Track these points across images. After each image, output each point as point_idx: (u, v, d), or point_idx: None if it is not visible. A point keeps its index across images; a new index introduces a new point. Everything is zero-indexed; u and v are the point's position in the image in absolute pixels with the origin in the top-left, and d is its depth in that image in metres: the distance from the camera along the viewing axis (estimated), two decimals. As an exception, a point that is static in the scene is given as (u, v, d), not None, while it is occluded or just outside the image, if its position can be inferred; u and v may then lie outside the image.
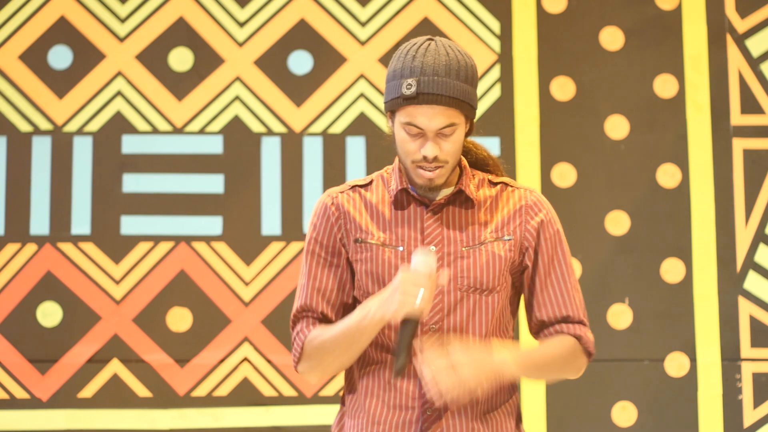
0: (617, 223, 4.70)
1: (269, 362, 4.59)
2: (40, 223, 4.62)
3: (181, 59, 4.72)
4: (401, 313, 2.50)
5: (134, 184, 4.66)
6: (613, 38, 4.78)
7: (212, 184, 4.68)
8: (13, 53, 4.69)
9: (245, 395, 4.58)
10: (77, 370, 4.57)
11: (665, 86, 4.75)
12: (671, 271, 4.68)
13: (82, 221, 4.63)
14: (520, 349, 2.59)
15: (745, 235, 4.69)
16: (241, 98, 4.70)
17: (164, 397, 4.58)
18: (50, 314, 4.59)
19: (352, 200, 2.70)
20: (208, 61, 4.72)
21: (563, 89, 4.75)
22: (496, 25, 4.77)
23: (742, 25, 4.78)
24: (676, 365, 4.64)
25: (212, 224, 4.65)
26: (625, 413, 4.63)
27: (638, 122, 4.73)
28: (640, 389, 4.63)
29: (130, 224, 4.64)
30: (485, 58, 4.75)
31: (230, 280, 4.61)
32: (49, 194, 4.64)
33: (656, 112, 4.74)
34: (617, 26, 4.78)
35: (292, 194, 4.65)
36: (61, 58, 4.70)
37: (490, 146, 4.71)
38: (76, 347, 4.57)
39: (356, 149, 4.68)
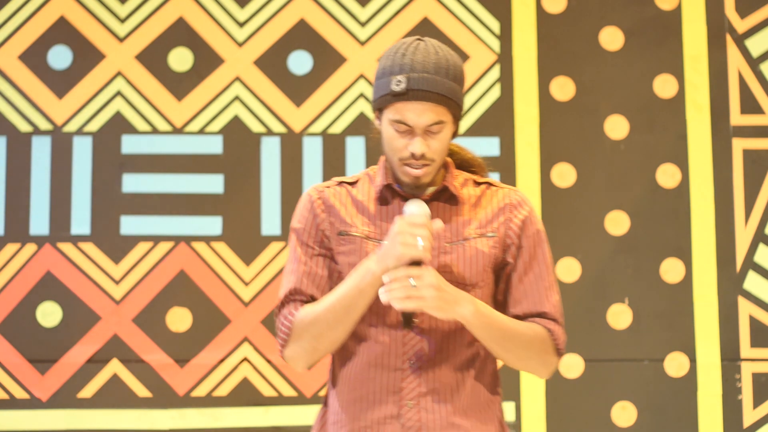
0: (617, 223, 4.70)
1: (269, 362, 4.59)
2: (39, 223, 4.62)
3: (180, 59, 4.72)
4: (405, 258, 2.51)
5: (134, 184, 4.66)
6: (612, 38, 4.78)
7: (212, 184, 4.68)
8: (12, 53, 4.69)
9: (245, 395, 4.58)
10: (77, 370, 4.57)
11: (665, 86, 4.75)
12: (671, 271, 4.68)
13: (81, 221, 4.63)
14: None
15: (744, 235, 4.69)
16: (240, 98, 4.70)
17: (164, 397, 4.58)
18: (50, 314, 4.59)
19: (338, 195, 2.72)
20: (207, 61, 4.72)
21: (563, 89, 4.75)
22: (495, 25, 4.77)
23: (741, 25, 4.78)
24: (675, 365, 4.64)
25: (212, 224, 4.65)
26: (624, 413, 4.63)
27: (638, 122, 4.73)
28: (639, 389, 4.63)
29: (129, 224, 4.64)
30: (485, 58, 4.75)
31: (230, 280, 4.61)
32: (48, 194, 4.64)
33: (656, 112, 4.74)
34: (617, 26, 4.78)
35: (291, 194, 4.65)
36: (60, 58, 4.70)
37: (489, 146, 4.71)
38: (75, 347, 4.57)
39: (356, 149, 4.68)
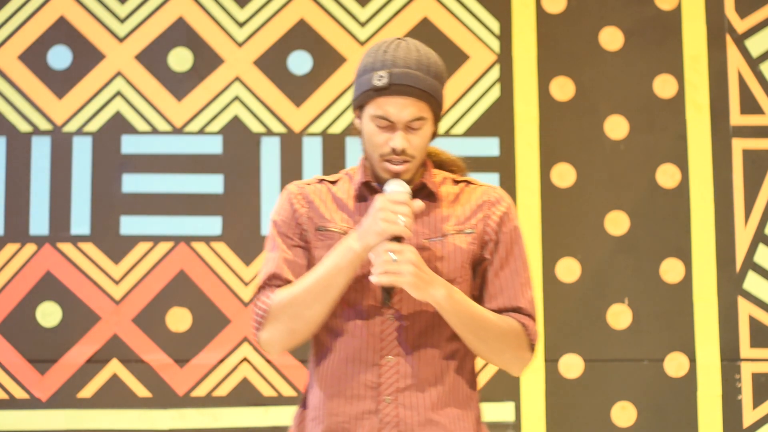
0: (617, 223, 4.70)
1: (269, 362, 4.59)
2: (39, 223, 4.62)
3: (180, 59, 4.72)
4: (386, 234, 2.52)
5: (134, 184, 4.66)
6: (612, 38, 4.78)
7: (212, 184, 4.68)
8: (12, 53, 4.69)
9: (245, 395, 4.58)
10: (77, 370, 4.57)
11: (665, 86, 4.76)
12: (671, 271, 4.68)
13: (81, 221, 4.63)
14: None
15: (744, 235, 4.69)
16: (240, 98, 4.71)
17: (164, 397, 4.58)
18: (50, 314, 4.59)
19: (318, 191, 2.72)
20: (207, 61, 4.72)
21: (563, 89, 4.75)
22: (495, 25, 4.77)
23: (741, 25, 4.78)
24: (675, 365, 4.64)
25: (212, 224, 4.65)
26: (624, 413, 4.63)
27: (638, 122, 4.74)
28: (639, 389, 4.63)
29: (129, 224, 4.64)
30: (485, 58, 4.75)
31: (230, 280, 4.61)
32: (48, 194, 4.64)
33: (656, 112, 4.74)
34: (617, 26, 4.78)
35: (291, 194, 4.64)
36: (60, 58, 4.70)
37: (489, 146, 4.72)
38: (75, 347, 4.57)
39: (355, 149, 4.68)
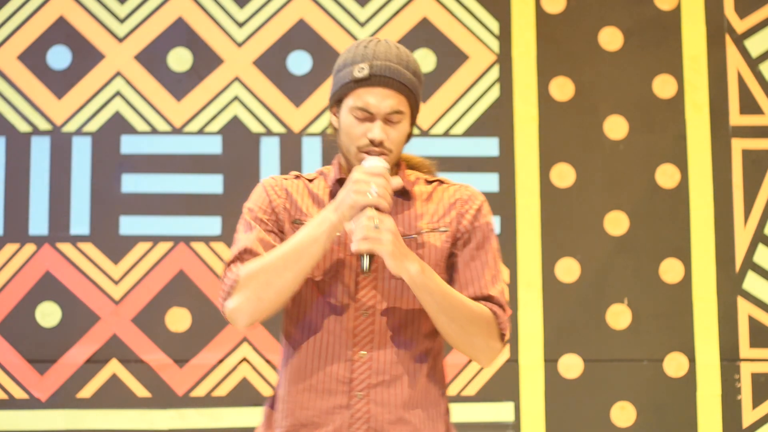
0: (616, 223, 4.70)
1: (268, 362, 4.59)
2: (39, 223, 4.62)
3: (180, 59, 4.72)
4: (359, 205, 2.53)
5: (133, 184, 4.66)
6: (612, 38, 4.78)
7: (211, 184, 4.68)
8: (12, 53, 4.69)
9: (244, 395, 4.57)
10: (76, 370, 4.57)
11: (664, 86, 4.76)
12: (670, 271, 4.68)
13: (81, 221, 4.63)
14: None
15: (744, 235, 4.69)
16: (240, 98, 4.71)
17: (163, 397, 4.58)
18: (49, 314, 4.59)
19: (295, 186, 2.73)
20: (207, 61, 4.72)
21: (562, 89, 4.75)
22: (495, 25, 4.77)
23: (741, 25, 4.78)
24: (675, 365, 4.64)
25: (211, 224, 4.65)
26: (624, 413, 4.63)
27: (637, 122, 4.74)
28: (639, 389, 4.63)
29: (129, 224, 4.64)
30: (484, 58, 4.75)
31: (229, 280, 4.61)
32: (48, 194, 4.64)
33: (655, 112, 4.74)
34: (616, 26, 4.78)
35: (291, 194, 4.65)
36: (60, 58, 4.70)
37: (489, 146, 4.72)
38: (75, 347, 4.57)
39: (355, 149, 4.68)
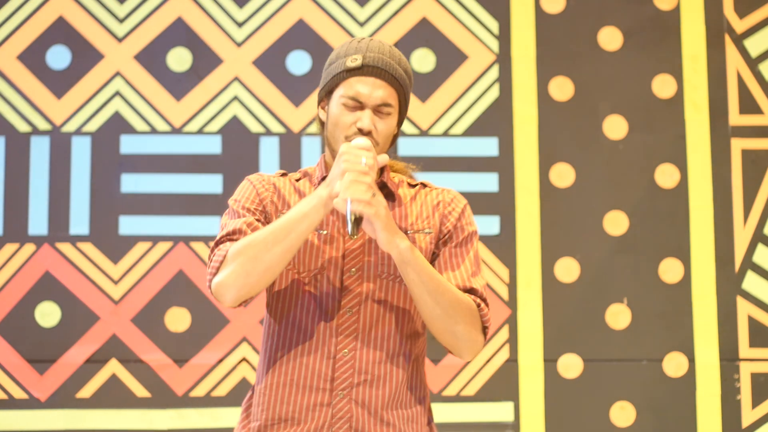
0: (616, 223, 4.70)
1: (268, 362, 4.59)
2: (38, 223, 4.62)
3: (179, 59, 4.72)
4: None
5: (133, 184, 4.66)
6: (611, 38, 4.78)
7: (211, 184, 4.68)
8: (11, 53, 4.69)
9: (244, 395, 4.56)
10: (76, 370, 4.57)
11: (664, 86, 4.75)
12: (670, 271, 4.68)
13: (80, 221, 4.63)
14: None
15: (743, 235, 4.69)
16: (239, 98, 4.70)
17: (163, 397, 4.58)
18: (49, 314, 4.59)
19: (282, 182, 2.75)
20: (206, 61, 4.72)
21: (562, 89, 4.75)
22: (494, 25, 4.77)
23: (740, 25, 4.78)
24: (674, 365, 4.64)
25: (211, 224, 4.64)
26: (623, 413, 4.63)
27: (637, 122, 4.73)
28: (638, 389, 4.63)
29: (128, 224, 4.64)
30: (484, 58, 4.75)
31: (229, 280, 4.61)
32: (47, 194, 4.64)
33: (655, 112, 4.74)
34: (616, 26, 4.78)
35: (290, 194, 4.65)
36: (59, 58, 4.70)
37: (488, 146, 4.72)
38: (74, 347, 4.57)
39: (355, 149, 4.68)
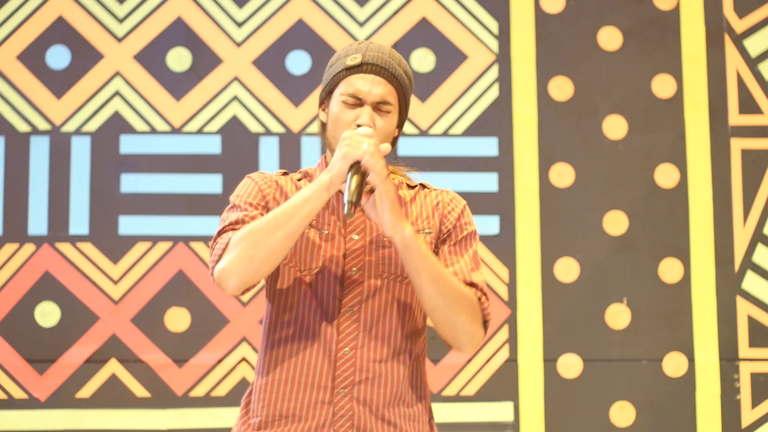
0: (615, 223, 4.70)
1: (267, 362, 4.58)
2: (38, 223, 4.62)
3: (179, 59, 4.72)
4: (349, 159, 2.54)
5: (132, 184, 4.66)
6: (611, 38, 4.78)
7: (210, 184, 4.68)
8: (11, 53, 4.69)
9: (243, 395, 4.57)
10: (75, 370, 4.57)
11: (663, 86, 4.75)
12: (669, 271, 4.68)
13: (80, 221, 4.63)
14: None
15: (743, 235, 4.69)
16: (239, 98, 4.70)
17: (162, 397, 4.58)
18: (48, 314, 4.59)
19: (284, 181, 2.76)
20: (206, 61, 4.72)
21: (561, 89, 4.75)
22: (494, 25, 4.77)
23: (740, 25, 4.78)
24: (674, 365, 4.64)
25: (210, 224, 4.64)
26: (623, 413, 4.63)
27: (636, 122, 4.73)
28: (638, 389, 4.63)
29: (128, 224, 4.64)
30: (483, 58, 4.75)
31: (228, 280, 4.61)
32: (47, 194, 4.64)
33: (654, 112, 4.74)
34: (615, 26, 4.78)
35: (290, 194, 4.65)
36: (59, 58, 4.70)
37: (488, 146, 4.72)
38: (74, 347, 4.57)
39: (354, 149, 4.68)
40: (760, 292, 4.67)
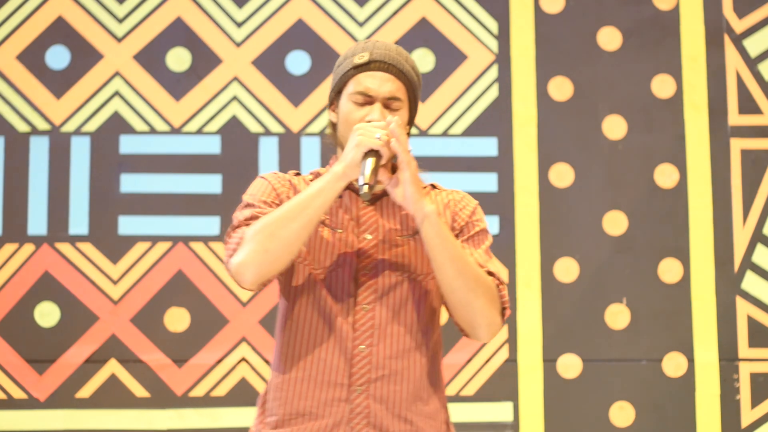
0: (615, 223, 4.70)
1: (267, 362, 4.58)
2: (37, 223, 4.62)
3: (178, 59, 4.72)
4: (363, 147, 2.57)
5: (132, 184, 4.66)
6: (610, 38, 4.78)
7: (210, 184, 4.68)
8: (10, 53, 4.69)
9: (243, 395, 4.57)
10: (75, 370, 4.57)
11: (663, 86, 4.75)
12: (669, 271, 4.68)
13: (79, 221, 4.63)
14: None
15: (742, 235, 4.69)
16: (238, 98, 4.70)
17: (162, 397, 4.57)
18: (48, 314, 4.59)
19: (297, 180, 2.77)
20: (205, 61, 4.72)
21: (561, 89, 4.75)
22: (494, 25, 4.76)
23: (739, 25, 4.78)
24: (673, 365, 4.64)
25: (210, 224, 4.64)
26: (622, 413, 4.63)
27: (636, 122, 4.74)
28: (637, 389, 4.63)
29: (127, 224, 4.64)
30: (483, 58, 4.75)
31: (228, 280, 4.61)
32: (46, 194, 4.63)
33: (654, 112, 4.74)
34: (615, 26, 4.78)
35: (289, 194, 4.65)
36: (58, 58, 4.70)
37: (488, 146, 4.71)
38: (73, 347, 4.57)
39: (354, 149, 4.68)
40: (759, 292, 4.67)
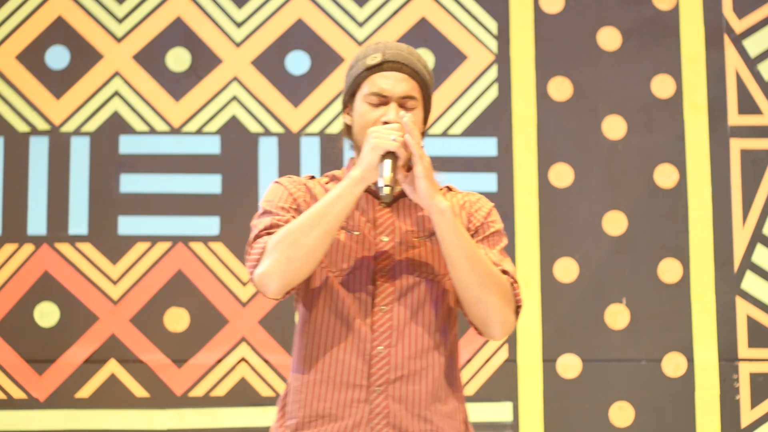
0: (615, 223, 4.70)
1: (267, 362, 4.58)
2: (37, 223, 4.62)
3: (178, 59, 4.72)
4: (379, 149, 2.58)
5: (131, 184, 4.66)
6: (610, 38, 4.78)
7: (209, 184, 4.68)
8: (10, 53, 4.69)
9: (243, 395, 4.57)
10: (75, 370, 4.57)
11: (663, 86, 4.75)
12: (669, 271, 4.68)
13: (79, 221, 4.63)
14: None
15: (742, 235, 4.69)
16: (238, 98, 4.70)
17: (162, 397, 4.57)
18: (47, 314, 4.59)
19: (313, 184, 2.79)
20: (205, 61, 4.72)
21: (561, 89, 4.75)
22: (493, 25, 4.76)
23: (739, 25, 4.78)
24: (673, 365, 4.64)
25: (209, 224, 4.64)
26: (622, 413, 4.63)
27: (636, 122, 4.73)
28: (637, 389, 4.63)
29: (127, 224, 4.64)
30: (483, 58, 4.75)
31: (228, 280, 4.61)
32: (46, 194, 4.63)
33: (654, 112, 4.74)
34: (615, 26, 4.78)
35: (289, 194, 4.64)
36: (58, 58, 4.70)
37: (487, 146, 4.71)
38: (73, 347, 4.57)
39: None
40: (759, 292, 4.67)
